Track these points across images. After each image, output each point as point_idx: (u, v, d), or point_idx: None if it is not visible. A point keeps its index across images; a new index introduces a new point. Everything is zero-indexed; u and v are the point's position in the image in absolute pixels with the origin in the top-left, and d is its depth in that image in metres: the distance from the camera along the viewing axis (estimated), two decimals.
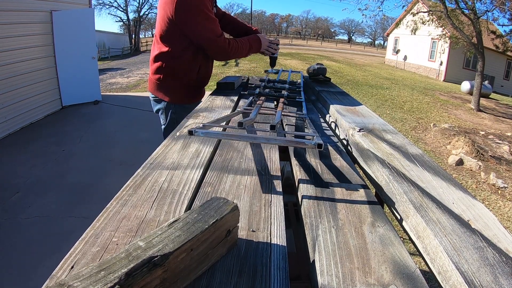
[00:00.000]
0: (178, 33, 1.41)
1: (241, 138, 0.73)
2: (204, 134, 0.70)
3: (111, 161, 3.71)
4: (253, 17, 50.04)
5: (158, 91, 1.57)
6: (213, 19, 1.40)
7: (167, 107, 1.58)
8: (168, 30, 1.42)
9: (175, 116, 1.57)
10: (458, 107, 9.21)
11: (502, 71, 17.05)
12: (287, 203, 1.25)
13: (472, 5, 8.80)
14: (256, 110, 1.03)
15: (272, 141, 0.72)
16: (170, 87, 1.55)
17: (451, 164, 4.83)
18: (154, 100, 1.63)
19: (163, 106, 1.59)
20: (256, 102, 1.32)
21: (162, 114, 1.62)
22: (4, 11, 4.31)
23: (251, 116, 0.95)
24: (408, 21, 11.64)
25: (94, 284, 0.32)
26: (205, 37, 1.41)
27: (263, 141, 0.73)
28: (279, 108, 1.17)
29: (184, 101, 1.59)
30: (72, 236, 0.62)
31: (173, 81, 1.53)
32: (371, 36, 66.82)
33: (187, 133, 0.96)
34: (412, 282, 0.44)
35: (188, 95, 1.61)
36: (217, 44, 1.43)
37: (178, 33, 1.41)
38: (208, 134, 0.71)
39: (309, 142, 0.66)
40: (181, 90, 1.57)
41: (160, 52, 1.49)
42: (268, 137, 0.71)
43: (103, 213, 0.56)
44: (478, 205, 0.61)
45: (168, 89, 1.55)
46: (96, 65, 6.18)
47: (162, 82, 1.54)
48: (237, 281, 0.43)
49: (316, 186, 0.70)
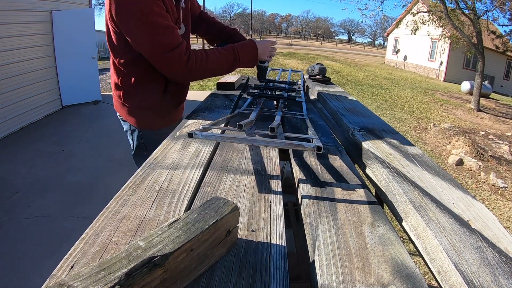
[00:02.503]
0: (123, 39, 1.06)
1: (240, 140, 0.73)
2: (204, 136, 0.70)
3: (111, 161, 3.71)
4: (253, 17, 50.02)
5: (121, 110, 1.25)
6: (163, 26, 1.01)
7: (132, 129, 1.27)
8: (112, 35, 1.09)
9: (143, 141, 1.27)
10: (458, 107, 9.21)
11: (502, 71, 17.05)
12: (287, 203, 1.26)
13: (472, 5, 8.80)
14: (255, 111, 1.03)
15: (272, 143, 0.72)
16: (133, 108, 1.22)
17: (451, 164, 4.84)
18: (120, 119, 1.31)
19: (128, 127, 1.28)
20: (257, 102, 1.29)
21: (130, 136, 1.31)
22: (4, 11, 4.31)
23: (251, 118, 0.94)
24: (408, 21, 11.64)
25: (94, 284, 0.32)
26: (149, 50, 1.04)
27: (263, 143, 0.73)
28: (279, 109, 1.17)
29: (151, 126, 1.26)
30: (72, 236, 0.62)
31: (134, 100, 1.20)
32: (371, 36, 66.87)
33: (186, 133, 0.97)
34: (412, 282, 0.44)
35: (156, 119, 1.25)
36: (167, 60, 1.05)
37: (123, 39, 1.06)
38: (208, 137, 0.71)
39: (308, 145, 0.67)
40: (146, 112, 1.22)
41: (113, 63, 1.16)
42: (267, 140, 0.71)
43: (103, 213, 0.56)
44: (478, 205, 0.61)
45: (131, 109, 1.22)
46: (96, 65, 6.18)
47: (124, 101, 1.21)
48: (237, 281, 0.43)
49: (316, 186, 0.70)
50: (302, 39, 58.49)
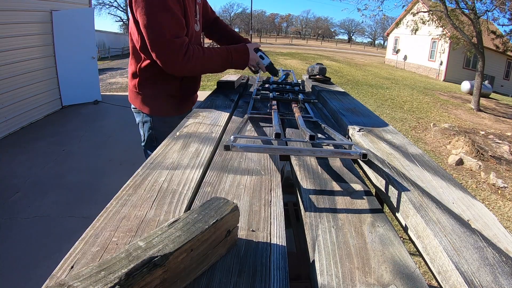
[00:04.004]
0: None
1: (286, 151, 0.71)
2: (244, 148, 0.68)
3: (111, 161, 3.71)
4: (253, 17, 50.01)
5: (135, 100, 1.33)
6: (174, 15, 1.09)
7: (145, 120, 1.34)
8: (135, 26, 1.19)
9: (154, 132, 1.33)
10: (458, 107, 9.21)
11: (502, 71, 17.06)
12: (287, 203, 1.25)
13: (472, 5, 8.81)
14: (276, 117, 1.00)
15: (318, 153, 0.71)
16: (149, 96, 1.30)
17: (451, 164, 4.84)
18: (134, 111, 1.39)
19: (141, 119, 1.35)
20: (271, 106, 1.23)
21: (141, 128, 1.38)
22: (4, 11, 4.31)
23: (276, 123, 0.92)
24: (408, 21, 11.63)
25: (94, 284, 0.32)
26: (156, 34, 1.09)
27: (309, 153, 0.72)
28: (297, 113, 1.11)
29: (166, 113, 1.33)
30: (72, 236, 0.62)
31: (151, 88, 1.29)
32: (371, 36, 66.87)
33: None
34: (412, 282, 0.44)
35: (171, 106, 1.34)
36: (169, 47, 1.10)
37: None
38: (249, 149, 0.70)
39: (354, 153, 0.67)
40: (162, 99, 1.31)
41: (133, 51, 1.25)
42: (313, 150, 0.71)
43: (103, 213, 0.56)
44: (478, 205, 0.61)
45: (146, 98, 1.30)
46: (96, 65, 6.18)
47: (139, 89, 1.29)
48: (237, 281, 0.43)
49: (316, 186, 0.70)
50: (302, 39, 58.48)
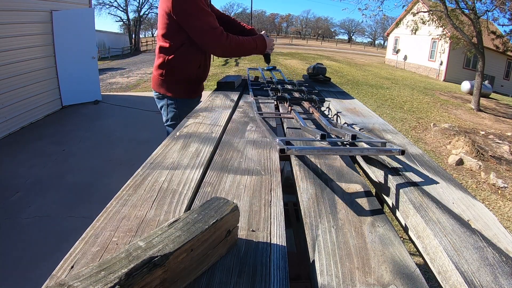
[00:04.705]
0: (176, 28, 1.48)
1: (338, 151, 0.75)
2: (300, 151, 0.71)
3: (111, 161, 3.71)
4: (253, 17, 49.97)
5: (161, 87, 1.64)
6: (208, 12, 1.46)
7: (169, 102, 1.64)
8: (167, 26, 1.50)
9: (178, 111, 1.64)
10: (458, 107, 9.21)
11: (502, 71, 17.04)
12: (287, 203, 1.25)
13: (472, 5, 8.80)
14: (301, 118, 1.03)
15: (365, 151, 0.76)
16: (172, 82, 1.61)
17: (451, 164, 4.83)
18: (157, 97, 1.69)
19: (165, 102, 1.65)
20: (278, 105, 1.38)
21: (165, 110, 1.67)
22: (4, 11, 4.31)
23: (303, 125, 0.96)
24: (408, 21, 11.62)
25: (94, 284, 0.32)
26: (199, 28, 1.45)
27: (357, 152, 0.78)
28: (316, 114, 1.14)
29: (186, 95, 1.65)
30: (72, 236, 0.62)
31: (174, 75, 1.60)
32: (371, 36, 66.84)
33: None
34: (412, 282, 0.44)
35: (190, 89, 1.68)
36: (212, 36, 1.46)
37: (176, 28, 1.48)
38: (303, 151, 0.73)
39: (394, 150, 0.71)
40: (183, 84, 1.63)
41: (161, 48, 1.57)
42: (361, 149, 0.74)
43: (103, 213, 0.56)
44: (478, 205, 0.61)
45: (170, 84, 1.62)
46: (96, 65, 6.18)
47: (164, 77, 1.60)
48: (237, 281, 0.43)
49: (316, 186, 0.70)
50: (302, 39, 58.45)
